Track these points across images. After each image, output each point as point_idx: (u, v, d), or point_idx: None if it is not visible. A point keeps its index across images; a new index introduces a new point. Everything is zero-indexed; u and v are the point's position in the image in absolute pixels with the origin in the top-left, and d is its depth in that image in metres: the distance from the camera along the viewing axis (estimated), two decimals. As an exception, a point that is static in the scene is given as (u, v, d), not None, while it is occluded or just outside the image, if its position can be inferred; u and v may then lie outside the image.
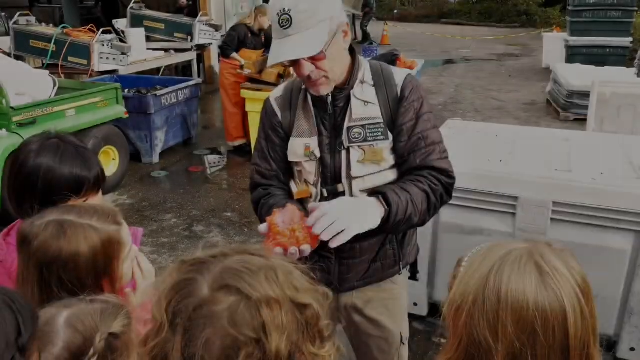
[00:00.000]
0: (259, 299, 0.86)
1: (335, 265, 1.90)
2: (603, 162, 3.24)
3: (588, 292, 0.97)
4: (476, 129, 3.99)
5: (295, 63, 1.70)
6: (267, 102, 1.97)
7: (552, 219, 3.00)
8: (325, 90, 1.75)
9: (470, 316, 0.96)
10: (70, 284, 1.24)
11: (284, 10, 1.61)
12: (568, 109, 8.57)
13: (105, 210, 1.38)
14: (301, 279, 0.94)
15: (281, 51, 1.65)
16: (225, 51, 6.85)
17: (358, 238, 1.64)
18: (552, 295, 0.92)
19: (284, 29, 1.62)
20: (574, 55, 11.28)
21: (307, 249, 1.58)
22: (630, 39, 11.36)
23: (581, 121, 7.95)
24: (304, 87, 1.87)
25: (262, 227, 1.64)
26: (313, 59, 1.67)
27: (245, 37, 6.80)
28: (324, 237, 1.57)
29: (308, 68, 1.69)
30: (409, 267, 2.07)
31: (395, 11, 28.36)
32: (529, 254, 0.97)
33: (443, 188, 1.81)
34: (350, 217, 1.60)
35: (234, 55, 6.78)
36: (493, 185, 3.11)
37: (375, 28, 19.31)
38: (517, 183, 3.06)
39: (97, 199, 1.61)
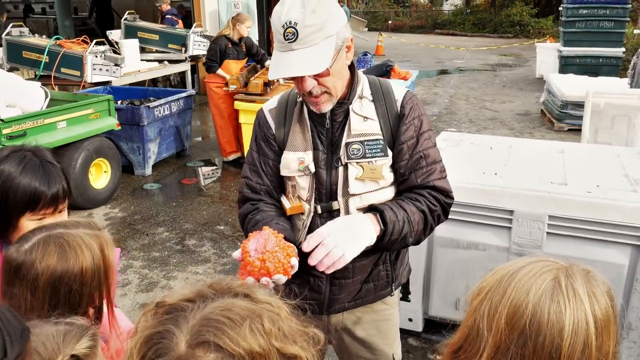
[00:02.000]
0: (242, 356, 0.79)
1: (327, 284, 1.85)
2: (598, 174, 3.21)
3: (606, 326, 0.92)
4: (470, 140, 3.96)
5: (296, 77, 1.66)
6: (260, 113, 1.92)
7: (548, 232, 2.96)
8: (327, 107, 1.72)
9: (480, 303, 0.98)
10: (78, 296, 1.25)
11: (290, 23, 1.56)
12: (562, 119, 8.57)
13: (82, 221, 1.37)
14: (289, 322, 0.88)
15: (285, 65, 1.60)
16: (210, 68, 6.82)
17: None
18: (555, 307, 0.91)
19: (289, 42, 1.57)
20: (567, 65, 11.34)
21: (280, 278, 1.51)
22: (623, 49, 11.43)
23: (575, 131, 7.96)
24: (299, 99, 1.83)
25: (237, 254, 1.57)
26: (317, 75, 1.64)
27: (226, 48, 6.79)
28: (320, 268, 1.55)
29: (310, 84, 1.65)
30: (400, 287, 2.03)
31: (390, 21, 28.49)
32: (557, 268, 0.96)
33: (441, 208, 1.79)
34: (346, 241, 1.56)
35: (219, 71, 6.78)
36: (488, 199, 3.07)
37: (369, 38, 19.37)
38: (512, 197, 3.02)
39: (57, 219, 1.55)
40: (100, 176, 5.74)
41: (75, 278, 1.24)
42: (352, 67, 1.78)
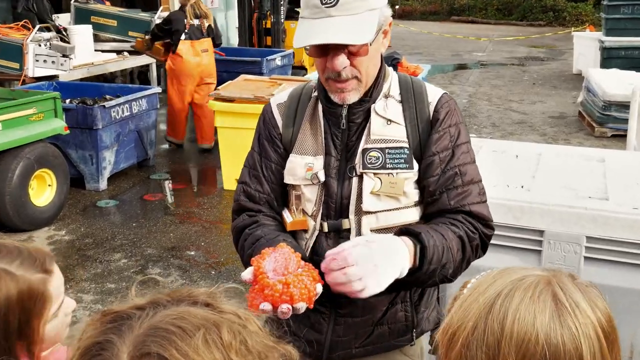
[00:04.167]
0: None
1: (330, 322, 1.83)
2: (646, 187, 3.24)
3: (613, 337, 0.97)
4: (492, 147, 3.99)
5: (324, 54, 1.67)
6: (267, 108, 1.94)
7: (585, 257, 2.98)
8: (353, 97, 1.74)
9: (467, 346, 0.95)
10: None
11: None
12: (604, 122, 8.65)
13: (33, 252, 1.34)
14: (258, 337, 0.90)
15: (319, 32, 1.62)
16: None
17: None
18: (568, 332, 0.93)
19: (327, 6, 1.60)
20: (610, 58, 11.45)
21: (302, 306, 1.52)
22: (677, 40, 11.56)
23: (620, 137, 8.03)
24: (314, 93, 1.85)
25: (247, 274, 1.56)
26: (352, 53, 1.66)
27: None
28: (333, 288, 1.55)
29: (343, 62, 1.66)
30: (428, 336, 1.96)
31: (397, 6, 28.73)
32: (547, 282, 0.98)
33: (480, 239, 1.77)
34: (371, 274, 1.54)
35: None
36: (513, 217, 3.08)
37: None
38: (542, 214, 3.04)
39: None
40: (43, 191, 5.73)
41: None
42: (380, 59, 1.81)
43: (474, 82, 13.24)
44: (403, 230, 1.71)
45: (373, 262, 1.55)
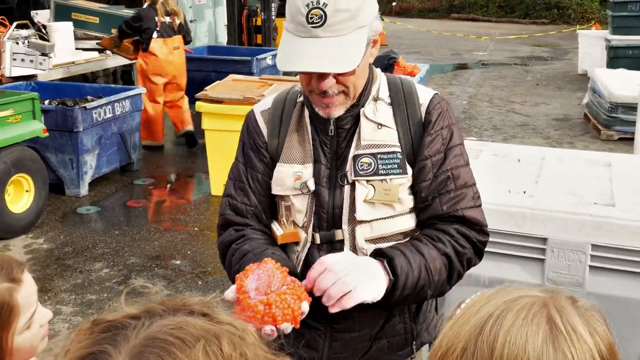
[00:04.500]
0: None
1: (326, 340, 1.84)
2: (654, 193, 3.26)
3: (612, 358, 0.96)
4: (493, 151, 4.00)
5: (309, 73, 1.67)
6: (250, 115, 1.94)
7: (591, 266, 2.99)
8: (339, 111, 1.74)
9: None
10: None
11: (318, 2, 1.56)
12: (611, 125, 8.68)
13: (2, 260, 1.33)
14: (256, 349, 0.91)
15: (305, 55, 1.60)
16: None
17: (357, 306, 1.60)
18: (562, 357, 0.92)
19: (313, 27, 1.58)
20: (617, 58, 11.50)
21: (287, 327, 1.51)
22: (687, 38, 11.63)
23: (627, 140, 8.08)
24: (300, 99, 1.85)
25: (230, 294, 1.56)
26: (339, 74, 1.65)
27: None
28: (326, 302, 1.55)
29: (329, 82, 1.67)
30: (427, 347, 1.97)
31: (394, 3, 28.82)
32: (543, 304, 0.97)
33: (472, 249, 1.78)
34: (359, 276, 1.58)
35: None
36: (515, 224, 3.09)
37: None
38: (545, 221, 3.05)
39: None
40: (21, 197, 5.70)
41: None
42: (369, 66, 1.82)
43: (475, 82, 13.29)
44: (377, 252, 1.72)
45: (353, 264, 1.61)
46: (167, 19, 7.91)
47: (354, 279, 1.56)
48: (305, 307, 1.54)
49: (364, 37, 1.64)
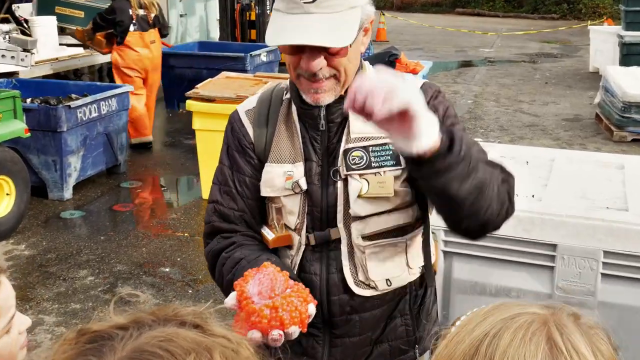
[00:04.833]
0: None
1: (325, 345, 1.84)
2: (670, 197, 3.26)
3: None
4: (500, 152, 4.00)
5: (299, 52, 1.67)
6: (234, 115, 1.94)
7: (603, 274, 2.99)
8: (329, 98, 1.73)
9: None
10: None
11: None
12: (624, 126, 8.70)
13: None
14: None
15: (296, 30, 1.62)
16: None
17: (357, 308, 1.57)
18: None
19: (305, 1, 1.61)
20: (630, 55, 11.51)
21: (295, 331, 1.50)
22: None
23: (641, 142, 8.09)
24: (286, 95, 1.85)
25: (230, 300, 1.54)
26: (330, 54, 1.66)
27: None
28: (370, 101, 1.37)
29: (320, 63, 1.67)
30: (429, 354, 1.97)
31: (395, -3, 28.83)
32: (543, 322, 0.96)
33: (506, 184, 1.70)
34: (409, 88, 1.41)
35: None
36: (523, 230, 3.09)
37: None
38: (555, 226, 3.05)
39: None
40: (1, 200, 5.69)
41: None
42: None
43: (481, 80, 13.31)
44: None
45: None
46: (142, 12, 8.04)
47: (396, 83, 1.39)
48: (312, 309, 1.54)
49: (357, 17, 1.66)
